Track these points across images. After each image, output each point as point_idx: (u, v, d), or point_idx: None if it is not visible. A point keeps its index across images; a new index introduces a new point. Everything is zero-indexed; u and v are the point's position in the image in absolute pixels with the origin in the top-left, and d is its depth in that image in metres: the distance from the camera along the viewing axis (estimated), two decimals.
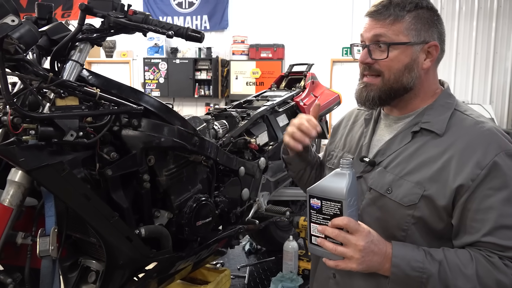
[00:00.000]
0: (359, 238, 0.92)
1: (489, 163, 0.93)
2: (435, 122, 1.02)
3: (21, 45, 1.03)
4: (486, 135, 0.97)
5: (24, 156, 1.01)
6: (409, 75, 1.03)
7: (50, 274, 1.08)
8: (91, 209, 1.15)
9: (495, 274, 0.91)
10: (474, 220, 0.94)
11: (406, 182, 0.99)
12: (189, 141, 1.38)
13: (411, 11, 1.01)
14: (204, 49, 6.86)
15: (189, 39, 1.20)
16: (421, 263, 0.93)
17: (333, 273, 1.13)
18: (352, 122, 1.27)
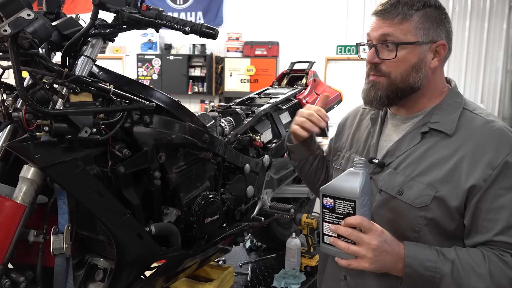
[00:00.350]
0: (372, 237, 0.91)
1: (501, 163, 0.93)
2: (444, 122, 1.01)
3: (35, 40, 1.02)
4: (497, 134, 0.97)
5: (39, 153, 0.99)
6: (416, 75, 1.02)
7: (64, 272, 1.07)
8: (103, 206, 1.14)
9: (509, 272, 0.92)
10: (486, 220, 0.94)
11: (417, 183, 0.99)
12: (199, 138, 1.37)
13: (420, 10, 1.00)
14: (198, 45, 6.84)
15: (203, 35, 1.19)
16: (434, 262, 0.93)
17: (344, 275, 1.13)
18: (358, 121, 1.25)
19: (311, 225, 2.05)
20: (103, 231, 1.31)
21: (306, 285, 1.95)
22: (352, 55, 6.65)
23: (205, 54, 6.79)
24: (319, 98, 1.21)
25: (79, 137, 1.05)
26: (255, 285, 1.95)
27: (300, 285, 1.92)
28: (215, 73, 6.81)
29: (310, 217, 2.06)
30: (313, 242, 2.09)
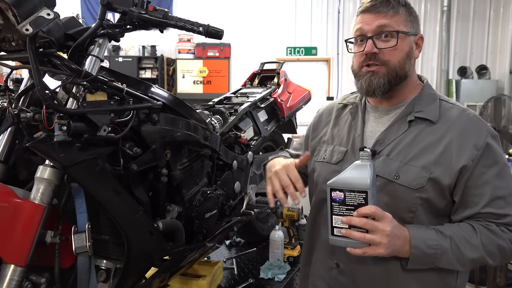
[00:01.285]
0: (386, 224, 0.99)
1: (483, 145, 1.06)
2: (428, 111, 1.12)
3: (53, 40, 1.02)
4: (474, 121, 1.11)
5: (63, 152, 0.99)
6: (409, 62, 1.13)
7: (87, 270, 1.07)
8: (119, 204, 1.15)
9: (496, 240, 1.05)
10: (474, 195, 1.06)
11: (412, 167, 1.08)
12: (202, 135, 1.42)
13: (404, 6, 1.12)
14: (148, 47, 6.72)
15: (210, 36, 1.24)
16: (435, 240, 1.03)
17: (336, 263, 1.18)
18: (334, 116, 1.32)
19: (292, 217, 2.15)
20: (108, 231, 1.31)
21: (291, 274, 2.04)
22: (301, 56, 6.90)
23: (155, 55, 6.69)
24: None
25: (98, 135, 1.06)
26: (242, 278, 2.02)
27: (285, 275, 2.01)
28: (166, 75, 6.73)
29: (291, 210, 2.15)
30: (294, 234, 2.20)
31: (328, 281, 1.21)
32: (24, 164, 1.30)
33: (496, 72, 6.80)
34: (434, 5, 6.75)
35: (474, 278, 2.53)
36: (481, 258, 1.05)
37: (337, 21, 6.87)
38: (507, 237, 1.06)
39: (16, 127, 1.20)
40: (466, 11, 6.81)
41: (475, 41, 6.86)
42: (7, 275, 0.99)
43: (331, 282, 1.21)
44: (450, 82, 6.55)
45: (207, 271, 1.87)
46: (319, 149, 1.31)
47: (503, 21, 6.72)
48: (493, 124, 5.32)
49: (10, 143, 1.21)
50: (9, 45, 1.10)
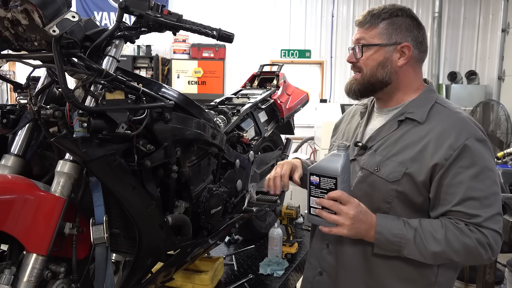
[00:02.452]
0: (350, 208, 1.11)
1: (460, 146, 1.12)
2: (417, 112, 1.22)
3: (77, 41, 1.07)
4: (459, 123, 1.17)
5: (85, 148, 1.05)
6: (383, 70, 1.24)
7: (104, 260, 1.12)
8: (134, 198, 1.20)
9: (462, 237, 1.10)
10: (447, 193, 1.13)
11: (391, 162, 1.19)
12: (210, 134, 1.48)
13: (386, 19, 1.24)
14: (143, 46, 6.75)
15: (222, 39, 1.30)
16: (400, 230, 1.13)
17: (326, 243, 1.34)
18: (350, 117, 1.49)
19: (291, 216, 2.22)
20: (118, 225, 1.37)
21: (289, 271, 2.11)
22: (295, 58, 6.99)
23: (150, 55, 6.72)
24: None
25: (116, 132, 1.11)
26: (242, 274, 2.07)
27: (284, 271, 2.08)
28: (161, 74, 6.76)
29: (289, 208, 2.22)
30: (292, 232, 2.26)
31: (319, 259, 1.37)
32: (38, 159, 1.35)
33: (485, 77, 6.97)
34: (426, 11, 6.90)
35: (464, 276, 2.62)
36: (443, 252, 1.11)
37: (331, 25, 6.98)
38: (474, 237, 1.10)
39: (34, 123, 1.25)
40: (457, 18, 6.97)
41: (465, 47, 7.02)
42: (30, 264, 1.04)
43: (321, 260, 1.37)
44: (441, 86, 6.69)
45: (208, 267, 1.93)
46: (333, 144, 1.49)
47: (492, 27, 6.89)
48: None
49: (28, 138, 1.26)
50: (31, 44, 1.14)
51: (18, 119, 1.28)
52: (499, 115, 5.77)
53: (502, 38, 6.69)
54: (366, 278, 1.24)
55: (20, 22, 1.07)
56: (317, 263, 1.38)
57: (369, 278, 1.24)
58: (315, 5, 6.97)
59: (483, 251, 1.10)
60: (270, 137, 2.43)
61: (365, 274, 1.24)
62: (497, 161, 3.52)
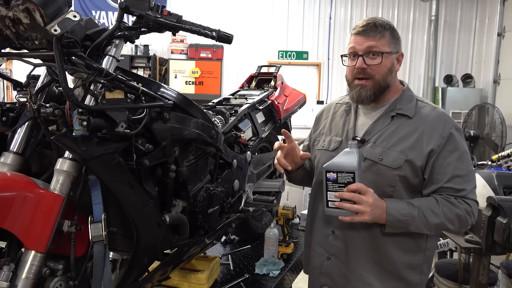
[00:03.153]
0: (369, 197, 1.27)
1: (447, 134, 1.35)
2: (407, 108, 1.41)
3: (78, 40, 1.08)
4: (442, 116, 1.40)
5: (85, 146, 1.06)
6: (391, 75, 1.41)
7: (102, 258, 1.13)
8: (132, 197, 1.21)
9: (454, 209, 1.33)
10: (439, 173, 1.34)
11: (393, 151, 1.36)
12: (209, 134, 1.49)
13: (388, 30, 1.39)
14: (141, 46, 6.75)
15: (221, 40, 1.32)
16: (407, 210, 1.31)
17: (332, 230, 1.46)
18: (332, 113, 1.61)
19: (287, 216, 2.24)
20: (116, 223, 1.37)
21: (285, 271, 2.12)
22: (292, 60, 7.01)
23: (148, 55, 6.73)
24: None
25: (116, 131, 1.12)
26: (238, 273, 2.08)
27: (280, 271, 2.09)
28: (159, 74, 6.77)
29: (286, 209, 2.24)
30: (288, 232, 2.28)
31: (324, 246, 1.49)
32: (37, 157, 1.36)
33: (481, 81, 7.02)
34: (423, 14, 6.95)
35: (458, 277, 2.64)
36: (442, 223, 1.33)
37: (329, 27, 7.01)
38: (462, 207, 1.34)
39: (34, 121, 1.26)
40: (453, 21, 7.02)
41: (461, 50, 7.07)
42: (28, 260, 1.05)
43: (327, 246, 1.48)
44: (437, 89, 6.74)
45: (205, 266, 1.94)
46: (319, 139, 1.60)
47: (488, 31, 6.95)
48: (476, 131, 5.49)
49: (28, 136, 1.27)
50: (32, 43, 1.15)
51: (18, 117, 1.29)
52: (494, 118, 5.81)
53: (498, 42, 6.74)
54: (374, 255, 1.39)
55: (21, 21, 1.08)
56: (323, 250, 1.48)
57: (376, 255, 1.39)
58: (313, 7, 7.00)
59: (469, 218, 1.35)
60: (267, 138, 2.45)
61: (372, 251, 1.39)
62: (492, 164, 3.55)
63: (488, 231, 2.05)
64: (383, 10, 6.99)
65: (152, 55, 6.71)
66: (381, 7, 7.00)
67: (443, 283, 2.79)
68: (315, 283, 1.52)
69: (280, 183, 2.43)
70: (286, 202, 2.61)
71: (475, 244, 2.13)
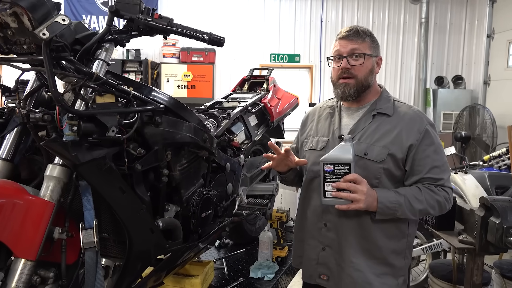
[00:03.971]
0: (363, 186, 1.37)
1: (424, 129, 1.47)
2: (386, 108, 1.54)
3: (67, 44, 1.07)
4: (418, 114, 1.52)
5: (76, 151, 1.04)
6: (371, 76, 1.53)
7: (94, 265, 1.11)
8: (124, 202, 1.20)
9: (434, 196, 1.45)
10: (419, 165, 1.46)
11: (376, 147, 1.47)
12: (201, 138, 1.48)
13: (369, 36, 1.53)
14: (132, 50, 6.70)
15: (212, 43, 1.31)
16: (394, 198, 1.42)
17: (324, 223, 1.54)
18: (317, 116, 1.71)
19: (281, 219, 2.23)
20: (108, 229, 1.36)
21: (279, 274, 2.11)
22: (284, 63, 7.02)
23: (140, 59, 6.68)
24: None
25: (106, 136, 1.11)
26: (232, 278, 2.07)
27: (274, 274, 2.08)
28: (150, 78, 6.72)
29: (280, 212, 2.23)
30: (282, 235, 2.27)
31: (318, 238, 1.56)
32: (26, 163, 1.34)
33: (471, 82, 7.07)
34: (413, 16, 6.99)
35: (452, 277, 2.65)
36: (425, 209, 1.44)
37: (320, 30, 7.02)
38: (442, 194, 1.46)
39: (23, 127, 1.24)
40: (443, 23, 7.06)
41: (451, 52, 7.12)
42: (18, 269, 1.02)
43: (320, 238, 1.55)
44: (428, 91, 6.77)
45: (199, 271, 1.92)
46: (306, 141, 1.68)
47: (478, 33, 7.00)
48: (467, 132, 5.52)
49: (17, 142, 1.24)
50: (21, 47, 1.13)
51: (6, 123, 1.27)
52: (485, 119, 5.85)
53: (487, 44, 6.79)
54: (363, 242, 1.48)
55: (9, 25, 1.07)
56: (317, 242, 1.56)
57: (365, 242, 1.48)
58: (304, 10, 7.01)
59: (447, 204, 1.48)
60: (260, 141, 2.44)
61: (361, 239, 1.48)
62: (483, 164, 3.57)
63: (481, 232, 2.05)
64: (374, 12, 7.02)
65: (143, 59, 6.66)
66: (372, 10, 7.03)
67: (437, 284, 2.79)
68: (313, 273, 1.59)
69: (274, 186, 2.42)
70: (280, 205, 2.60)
71: (468, 244, 2.13)
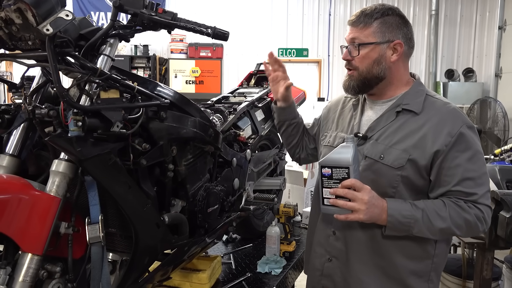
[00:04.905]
0: (364, 194, 1.18)
1: (457, 133, 1.24)
2: (413, 104, 1.32)
3: (71, 39, 1.07)
4: (452, 112, 1.29)
5: (80, 147, 1.04)
6: (378, 67, 1.32)
7: (100, 259, 1.12)
8: (130, 197, 1.20)
9: (463, 214, 1.23)
10: (447, 175, 1.24)
11: (395, 150, 1.28)
12: (207, 132, 1.47)
13: (378, 19, 1.31)
14: (140, 46, 6.74)
15: (216, 37, 1.30)
16: (409, 211, 1.22)
17: (333, 231, 1.39)
18: (340, 107, 1.55)
19: (288, 214, 2.22)
20: (115, 224, 1.36)
21: (287, 269, 2.11)
22: (293, 57, 6.99)
23: (148, 55, 6.72)
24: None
25: (111, 131, 1.11)
26: (240, 272, 2.07)
27: (282, 269, 2.08)
28: (159, 74, 6.76)
29: (287, 206, 2.22)
30: (290, 230, 2.26)
31: (325, 246, 1.42)
32: (34, 159, 1.35)
33: (482, 75, 6.98)
34: (423, 9, 6.91)
35: (462, 272, 2.63)
36: (448, 228, 1.23)
37: (328, 23, 6.98)
38: (473, 212, 1.23)
39: (29, 123, 1.25)
40: (454, 16, 6.97)
41: (462, 44, 7.03)
42: (25, 263, 1.03)
43: (328, 247, 1.41)
44: (438, 84, 6.70)
45: (206, 265, 1.92)
46: (326, 135, 1.55)
47: (489, 25, 6.90)
48: (479, 125, 5.47)
49: (23, 138, 1.25)
50: (26, 44, 1.14)
51: (13, 119, 1.28)
52: (497, 112, 5.78)
53: (499, 36, 6.69)
54: (376, 259, 1.31)
55: (13, 21, 1.07)
56: (324, 251, 1.42)
57: (378, 258, 1.30)
58: (312, 3, 6.97)
59: (480, 225, 1.24)
60: (267, 136, 2.43)
61: (374, 255, 1.31)
62: (495, 158, 3.53)
63: (491, 226, 2.03)
64: None
65: (151, 55, 6.70)
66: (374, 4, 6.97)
67: (447, 279, 2.77)
68: (316, 284, 1.46)
69: (281, 181, 2.41)
70: (287, 200, 2.59)
71: (478, 239, 2.11)
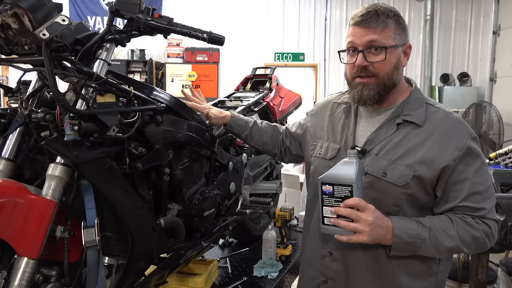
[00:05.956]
0: (368, 214, 1.10)
1: (464, 146, 1.17)
2: (415, 114, 1.22)
3: (67, 44, 1.08)
4: (457, 124, 1.21)
5: (76, 150, 1.05)
6: (397, 72, 1.21)
7: (96, 263, 1.12)
8: (126, 201, 1.20)
9: (471, 230, 1.16)
10: (454, 190, 1.17)
11: (398, 166, 1.17)
12: (203, 136, 1.48)
13: (392, 18, 1.19)
14: (137, 51, 6.75)
15: (212, 42, 1.31)
16: (416, 230, 1.14)
17: (329, 251, 1.29)
18: (329, 113, 1.42)
19: (285, 218, 2.23)
20: (111, 228, 1.36)
21: (283, 272, 2.11)
22: (289, 61, 7.02)
23: (144, 59, 6.72)
24: None
25: (107, 135, 1.12)
26: (236, 276, 2.07)
27: (278, 273, 2.08)
28: (155, 78, 6.76)
29: (283, 210, 2.23)
30: (286, 233, 2.27)
31: (320, 268, 1.31)
32: (30, 163, 1.35)
33: (477, 79, 7.03)
34: (418, 13, 6.96)
35: (457, 276, 2.64)
36: (457, 247, 1.16)
37: (324, 28, 7.02)
38: (481, 229, 1.17)
39: (25, 127, 1.25)
40: (448, 20, 7.03)
41: (457, 49, 7.09)
42: (21, 267, 1.03)
43: (323, 268, 1.30)
44: (433, 88, 6.74)
45: (202, 269, 1.92)
46: (315, 144, 1.41)
47: (484, 30, 6.96)
48: (474, 129, 5.50)
49: (19, 142, 1.26)
50: (22, 48, 1.14)
51: (9, 123, 1.28)
52: (491, 116, 5.82)
53: (493, 40, 6.75)
54: (378, 280, 1.23)
55: (10, 26, 1.08)
56: (318, 272, 1.32)
57: (380, 279, 1.23)
58: (308, 8, 7.01)
59: (488, 241, 1.18)
60: None
61: (376, 276, 1.23)
62: (489, 162, 3.55)
63: None
64: None
65: (148, 59, 6.71)
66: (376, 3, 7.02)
67: None
68: None
69: (277, 185, 2.42)
70: (283, 203, 2.60)
71: None
